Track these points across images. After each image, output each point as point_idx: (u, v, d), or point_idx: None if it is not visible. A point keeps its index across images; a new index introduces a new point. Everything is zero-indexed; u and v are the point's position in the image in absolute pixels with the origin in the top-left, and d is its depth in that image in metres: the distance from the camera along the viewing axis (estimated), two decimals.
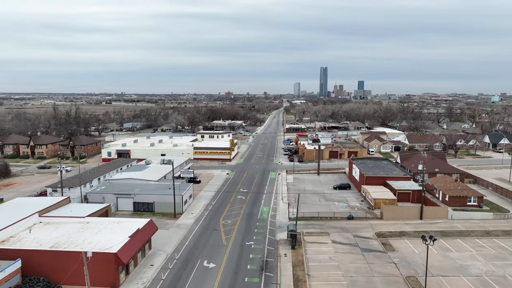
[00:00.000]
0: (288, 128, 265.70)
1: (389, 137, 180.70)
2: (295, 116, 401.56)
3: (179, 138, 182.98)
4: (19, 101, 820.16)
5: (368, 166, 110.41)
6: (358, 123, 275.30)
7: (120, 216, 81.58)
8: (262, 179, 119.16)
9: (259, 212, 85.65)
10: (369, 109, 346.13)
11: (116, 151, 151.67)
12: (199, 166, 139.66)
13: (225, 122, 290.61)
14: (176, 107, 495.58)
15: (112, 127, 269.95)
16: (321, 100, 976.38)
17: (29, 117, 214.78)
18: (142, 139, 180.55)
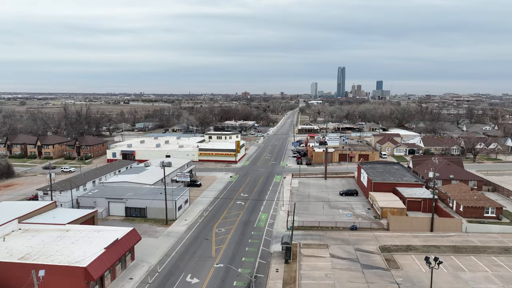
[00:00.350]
0: (300, 129, 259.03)
1: (404, 139, 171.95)
2: (310, 117, 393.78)
3: (187, 139, 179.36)
4: (41, 101, 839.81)
5: (377, 171, 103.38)
6: (373, 124, 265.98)
7: (111, 222, 77.88)
8: (265, 183, 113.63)
9: (257, 220, 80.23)
10: (386, 110, 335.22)
11: (121, 152, 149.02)
12: (203, 168, 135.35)
13: (237, 122, 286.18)
14: (191, 107, 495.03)
15: (123, 127, 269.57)
16: (338, 100, 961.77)
17: (41, 117, 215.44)
18: (149, 139, 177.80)
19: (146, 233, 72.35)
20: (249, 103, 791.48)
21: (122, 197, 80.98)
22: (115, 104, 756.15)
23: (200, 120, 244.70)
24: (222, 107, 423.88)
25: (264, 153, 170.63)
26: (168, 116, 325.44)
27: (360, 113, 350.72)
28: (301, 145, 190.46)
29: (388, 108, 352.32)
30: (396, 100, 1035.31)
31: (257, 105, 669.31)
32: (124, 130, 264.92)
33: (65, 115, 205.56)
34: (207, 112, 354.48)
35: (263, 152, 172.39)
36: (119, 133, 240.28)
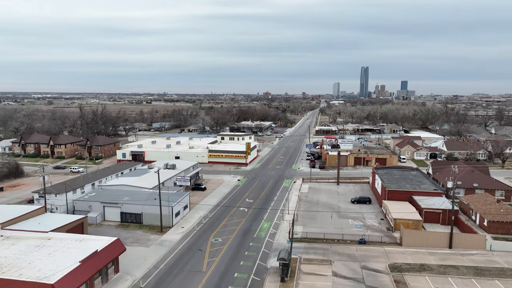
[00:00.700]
0: (318, 130, 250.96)
1: (426, 142, 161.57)
2: (329, 117, 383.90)
3: (199, 139, 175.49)
4: (68, 100, 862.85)
5: (393, 177, 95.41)
6: (394, 126, 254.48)
7: (104, 228, 74.09)
8: (273, 187, 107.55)
9: (258, 229, 74.42)
10: (409, 111, 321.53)
11: (130, 152, 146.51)
12: (212, 171, 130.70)
13: (253, 123, 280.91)
14: (210, 107, 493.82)
15: (139, 127, 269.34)
16: (360, 100, 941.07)
17: (58, 116, 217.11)
18: (161, 140, 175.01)
19: (138, 241, 68.01)
20: (269, 103, 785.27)
21: (118, 201, 77.01)
22: (137, 103, 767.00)
23: (215, 120, 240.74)
24: (240, 107, 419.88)
25: (277, 155, 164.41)
26: (185, 116, 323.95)
27: (381, 114, 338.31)
28: (316, 147, 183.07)
29: (412, 109, 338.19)
30: (421, 100, 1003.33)
31: (277, 105, 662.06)
32: (141, 130, 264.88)
33: (80, 115, 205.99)
34: (224, 112, 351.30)
35: (276, 154, 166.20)
36: (135, 133, 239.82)
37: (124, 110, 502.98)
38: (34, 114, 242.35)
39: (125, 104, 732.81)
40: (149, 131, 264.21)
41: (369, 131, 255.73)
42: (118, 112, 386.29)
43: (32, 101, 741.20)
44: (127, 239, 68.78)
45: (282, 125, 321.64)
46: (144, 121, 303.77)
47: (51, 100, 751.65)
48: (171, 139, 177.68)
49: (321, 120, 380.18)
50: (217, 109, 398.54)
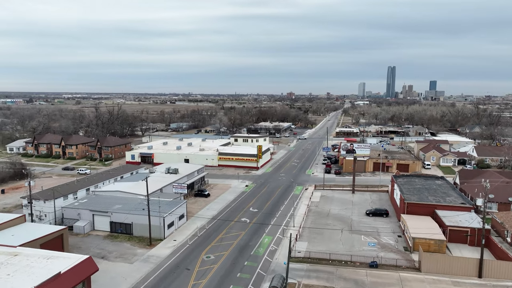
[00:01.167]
0: (338, 132, 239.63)
1: (454, 146, 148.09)
2: (352, 118, 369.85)
3: (211, 141, 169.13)
4: (96, 100, 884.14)
5: (413, 186, 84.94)
6: (420, 128, 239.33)
7: (91, 239, 68.25)
8: (282, 195, 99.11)
9: (257, 245, 66.41)
10: (437, 112, 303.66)
11: (139, 154, 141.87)
12: (220, 175, 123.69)
13: (271, 124, 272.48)
14: (230, 107, 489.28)
15: (157, 127, 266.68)
16: (386, 101, 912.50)
17: (77, 116, 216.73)
18: (174, 141, 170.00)
19: (122, 256, 61.56)
20: (292, 104, 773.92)
21: (107, 210, 71.02)
22: (161, 103, 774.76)
23: (231, 121, 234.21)
24: (260, 108, 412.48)
25: (292, 158, 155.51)
26: (204, 116, 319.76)
27: (407, 115, 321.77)
28: (335, 150, 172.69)
29: (440, 110, 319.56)
30: (451, 101, 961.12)
31: (300, 106, 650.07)
32: (158, 130, 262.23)
33: (96, 115, 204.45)
34: (244, 112, 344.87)
35: (292, 157, 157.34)
36: (150, 134, 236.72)
37: (147, 109, 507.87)
38: (54, 114, 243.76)
39: (149, 104, 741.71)
40: (166, 131, 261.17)
41: (393, 133, 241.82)
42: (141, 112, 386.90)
43: (62, 101, 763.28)
44: (112, 253, 62.51)
45: (302, 126, 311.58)
46: (164, 121, 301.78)
47: (80, 100, 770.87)
48: (184, 140, 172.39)
49: (344, 121, 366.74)
50: (238, 110, 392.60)
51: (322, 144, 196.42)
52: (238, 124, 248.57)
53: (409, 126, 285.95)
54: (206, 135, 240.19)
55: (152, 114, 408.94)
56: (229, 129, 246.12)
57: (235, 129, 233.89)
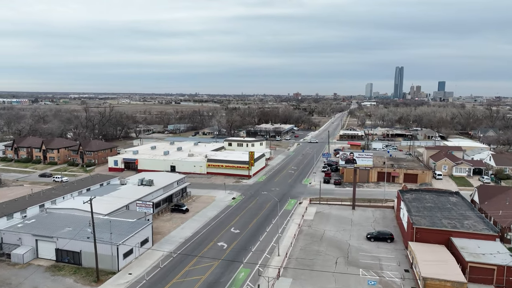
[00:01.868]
0: (342, 135, 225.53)
1: (467, 153, 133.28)
2: (358, 120, 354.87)
3: (204, 145, 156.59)
4: (102, 100, 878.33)
5: (424, 205, 71.24)
6: (429, 131, 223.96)
7: (31, 270, 55.99)
8: (271, 211, 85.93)
9: (229, 283, 53.44)
10: (446, 114, 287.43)
11: (122, 160, 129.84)
12: (208, 184, 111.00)
13: (273, 125, 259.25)
14: (233, 107, 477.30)
15: (153, 129, 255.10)
16: (394, 102, 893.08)
17: (67, 117, 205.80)
18: (164, 145, 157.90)
19: None
20: (298, 104, 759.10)
21: (53, 234, 58.68)
22: (166, 104, 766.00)
23: (229, 123, 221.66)
24: (264, 108, 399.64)
25: (290, 164, 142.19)
26: (204, 117, 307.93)
27: (415, 116, 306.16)
28: (337, 155, 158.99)
29: (450, 112, 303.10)
30: (460, 102, 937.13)
31: (306, 106, 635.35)
32: (155, 132, 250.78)
33: (86, 117, 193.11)
34: (246, 114, 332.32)
35: (289, 164, 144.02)
36: (145, 136, 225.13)
37: (150, 110, 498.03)
38: (46, 114, 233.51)
39: (154, 104, 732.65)
40: (163, 133, 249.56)
41: (400, 137, 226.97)
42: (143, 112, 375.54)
43: (67, 101, 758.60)
44: None
45: (305, 128, 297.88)
46: (160, 123, 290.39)
47: (85, 100, 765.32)
48: (175, 144, 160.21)
49: (349, 123, 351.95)
50: (239, 111, 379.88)
51: (324, 148, 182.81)
52: (237, 126, 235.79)
53: (417, 128, 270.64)
54: (203, 137, 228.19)
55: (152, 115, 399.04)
56: (228, 131, 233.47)
57: (234, 132, 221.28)
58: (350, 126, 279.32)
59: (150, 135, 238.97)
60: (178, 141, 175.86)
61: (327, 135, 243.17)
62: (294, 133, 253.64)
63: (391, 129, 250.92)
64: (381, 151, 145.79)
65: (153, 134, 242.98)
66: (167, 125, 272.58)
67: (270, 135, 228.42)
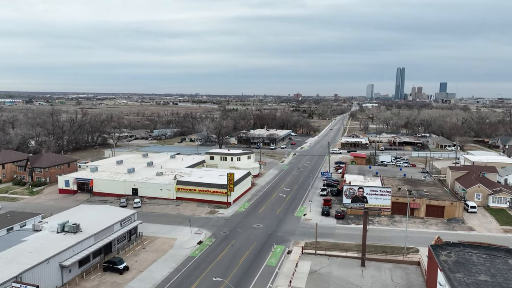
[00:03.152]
0: (343, 143, 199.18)
1: (500, 172, 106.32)
2: (360, 123, 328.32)
3: (181, 158, 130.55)
4: (100, 100, 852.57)
5: (474, 278, 45.04)
6: (441, 140, 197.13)
7: None
8: (248, 269, 59.88)
9: None
10: (457, 118, 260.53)
11: (75, 180, 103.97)
12: (173, 216, 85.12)
13: (268, 131, 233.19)
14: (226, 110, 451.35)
15: (137, 135, 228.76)
16: (395, 103, 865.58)
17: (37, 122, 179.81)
18: (135, 158, 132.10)
19: None
20: (298, 105, 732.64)
21: None
22: (163, 105, 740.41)
23: (217, 129, 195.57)
24: (259, 111, 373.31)
25: (282, 184, 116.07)
26: (195, 120, 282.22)
27: (422, 121, 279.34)
28: (338, 170, 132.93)
29: (459, 116, 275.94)
30: (463, 103, 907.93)
31: (306, 108, 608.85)
32: (138, 138, 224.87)
33: (52, 123, 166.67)
34: (240, 117, 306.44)
35: (282, 182, 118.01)
36: (128, 142, 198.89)
37: (143, 111, 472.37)
38: (16, 118, 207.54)
39: (151, 105, 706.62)
40: (147, 139, 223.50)
41: (408, 145, 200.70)
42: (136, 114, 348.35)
43: (63, 102, 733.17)
44: None
45: (304, 133, 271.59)
46: (148, 127, 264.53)
47: (80, 101, 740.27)
48: (149, 156, 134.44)
49: (351, 127, 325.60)
50: (237, 112, 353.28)
51: (323, 160, 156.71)
52: (229, 132, 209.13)
53: (426, 134, 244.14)
54: (189, 145, 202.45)
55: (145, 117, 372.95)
56: (218, 137, 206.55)
57: (224, 138, 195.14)
58: (352, 133, 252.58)
59: (132, 142, 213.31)
60: (155, 151, 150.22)
61: (327, 141, 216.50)
62: (291, 140, 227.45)
63: (398, 136, 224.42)
64: (392, 168, 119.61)
65: (135, 141, 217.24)
66: (153, 130, 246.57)
67: (264, 142, 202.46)
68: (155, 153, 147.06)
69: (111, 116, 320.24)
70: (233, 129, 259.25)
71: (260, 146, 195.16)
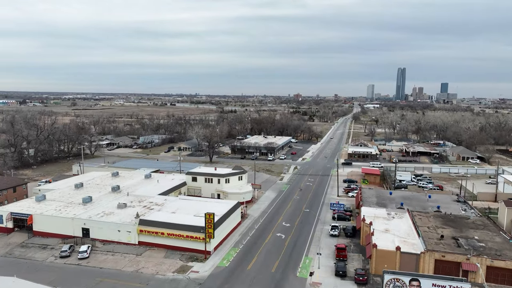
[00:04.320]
0: (351, 154, 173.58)
1: None
2: (365, 127, 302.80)
3: (157, 180, 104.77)
4: (97, 101, 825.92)
5: None
6: (462, 150, 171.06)
7: None
8: None
9: None
10: (473, 123, 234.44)
11: (10, 216, 78.46)
12: (128, 274, 59.63)
13: (266, 138, 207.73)
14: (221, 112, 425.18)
15: (119, 142, 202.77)
16: (397, 104, 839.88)
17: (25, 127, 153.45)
18: (101, 178, 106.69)
19: None
20: (298, 106, 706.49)
21: None
22: (161, 106, 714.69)
23: (207, 138, 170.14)
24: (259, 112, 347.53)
25: (280, 216, 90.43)
26: (187, 123, 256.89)
27: (433, 126, 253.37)
28: (349, 193, 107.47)
29: (475, 121, 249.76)
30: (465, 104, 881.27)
31: (306, 109, 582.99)
32: (121, 147, 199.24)
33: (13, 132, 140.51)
34: (237, 120, 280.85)
35: (279, 213, 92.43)
36: (108, 152, 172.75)
37: (137, 113, 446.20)
38: None
39: (148, 106, 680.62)
40: (131, 147, 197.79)
41: (424, 155, 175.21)
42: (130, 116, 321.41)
43: (58, 102, 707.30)
44: None
45: (305, 139, 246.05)
46: (135, 132, 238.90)
47: (75, 102, 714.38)
48: (120, 175, 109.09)
49: (355, 131, 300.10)
50: (235, 114, 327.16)
51: (330, 177, 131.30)
52: (218, 141, 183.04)
53: (439, 142, 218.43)
54: (176, 156, 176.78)
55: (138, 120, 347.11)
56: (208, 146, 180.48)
57: (213, 150, 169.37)
58: (358, 140, 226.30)
59: (114, 151, 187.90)
60: (130, 167, 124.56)
61: (331, 150, 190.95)
62: (291, 148, 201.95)
63: (410, 144, 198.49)
64: (417, 195, 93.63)
65: (117, 150, 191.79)
66: (139, 136, 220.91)
67: (261, 152, 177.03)
68: (130, 169, 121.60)
69: (99, 119, 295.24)
70: (228, 135, 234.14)
71: (256, 157, 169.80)
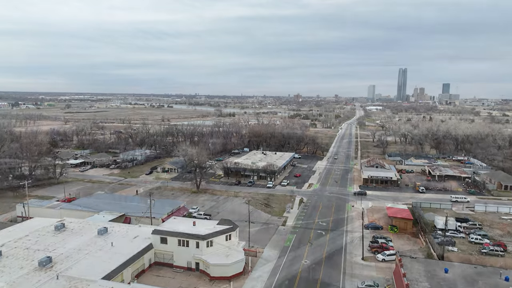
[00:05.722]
0: (366, 179, 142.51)
1: None
2: (372, 136, 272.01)
3: (110, 243, 73.48)
4: (92, 103, 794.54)
5: None
6: (504, 177, 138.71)
7: None
8: None
9: None
10: (500, 135, 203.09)
11: None
12: None
13: (265, 154, 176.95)
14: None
15: (95, 161, 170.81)
16: (400, 106, 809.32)
17: None
18: (38, 234, 75.75)
19: None
20: (298, 108, 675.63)
21: None
22: (157, 108, 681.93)
23: (190, 160, 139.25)
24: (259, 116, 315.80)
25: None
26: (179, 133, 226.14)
27: (451, 137, 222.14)
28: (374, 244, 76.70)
29: (501, 131, 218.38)
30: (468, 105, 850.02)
31: (307, 112, 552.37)
32: (97, 166, 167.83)
33: None
34: (233, 129, 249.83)
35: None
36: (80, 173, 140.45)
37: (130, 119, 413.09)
38: None
39: (144, 109, 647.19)
40: (108, 167, 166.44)
41: (452, 180, 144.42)
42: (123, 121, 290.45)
43: (52, 104, 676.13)
44: None
45: (310, 152, 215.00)
46: (121, 143, 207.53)
47: (69, 104, 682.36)
48: (66, 227, 78.50)
49: (362, 141, 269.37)
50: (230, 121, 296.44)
51: (345, 218, 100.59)
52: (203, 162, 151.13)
53: (463, 158, 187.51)
54: (159, 180, 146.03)
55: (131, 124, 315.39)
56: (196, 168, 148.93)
57: (202, 177, 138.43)
58: (369, 155, 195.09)
59: (86, 172, 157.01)
60: (89, 209, 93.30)
61: (340, 168, 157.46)
62: (294, 168, 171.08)
63: (435, 165, 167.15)
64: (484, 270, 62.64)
65: (91, 171, 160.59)
66: (121, 151, 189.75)
67: (259, 175, 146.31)
68: (88, 213, 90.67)
69: (83, 128, 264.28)
70: (222, 149, 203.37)
71: (253, 182, 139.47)
